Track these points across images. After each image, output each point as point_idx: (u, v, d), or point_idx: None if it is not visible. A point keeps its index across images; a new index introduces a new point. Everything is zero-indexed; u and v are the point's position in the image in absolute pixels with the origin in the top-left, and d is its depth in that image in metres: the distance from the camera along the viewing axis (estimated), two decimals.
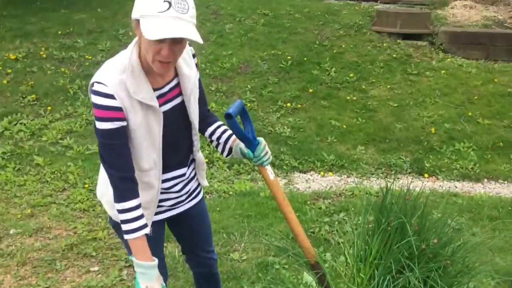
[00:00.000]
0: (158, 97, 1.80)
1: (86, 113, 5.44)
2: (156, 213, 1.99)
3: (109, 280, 2.98)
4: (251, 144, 1.92)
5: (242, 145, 1.96)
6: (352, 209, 3.99)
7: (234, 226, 3.64)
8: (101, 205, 3.96)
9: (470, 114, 5.47)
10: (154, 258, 1.80)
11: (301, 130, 5.29)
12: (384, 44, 6.77)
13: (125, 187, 1.75)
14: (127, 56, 1.73)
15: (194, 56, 1.96)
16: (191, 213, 2.11)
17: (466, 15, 7.47)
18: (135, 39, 1.76)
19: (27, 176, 4.42)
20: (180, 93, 1.88)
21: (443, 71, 6.24)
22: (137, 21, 1.63)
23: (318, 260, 2.07)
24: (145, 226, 1.78)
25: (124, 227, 1.76)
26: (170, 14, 1.57)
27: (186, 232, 2.19)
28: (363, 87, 5.99)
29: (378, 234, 1.99)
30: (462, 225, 3.33)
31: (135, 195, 1.77)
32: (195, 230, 2.19)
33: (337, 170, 4.84)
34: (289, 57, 6.41)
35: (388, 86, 5.99)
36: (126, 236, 1.77)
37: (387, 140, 5.20)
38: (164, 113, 1.82)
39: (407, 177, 4.67)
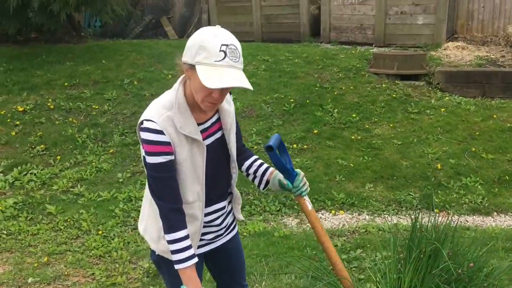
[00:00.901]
0: (202, 132, 1.89)
1: (95, 160, 5.50)
2: (197, 247, 2.03)
3: None
4: (290, 175, 1.99)
5: (280, 176, 2.03)
6: (368, 245, 4.00)
7: (253, 266, 3.64)
8: (117, 250, 3.95)
9: (473, 149, 5.59)
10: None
11: (309, 170, 5.35)
12: (383, 85, 6.97)
13: (175, 218, 1.82)
14: (173, 94, 1.84)
15: (230, 93, 2.06)
16: (228, 247, 2.15)
17: (459, 56, 7.75)
18: (181, 78, 1.86)
19: (40, 225, 4.42)
20: (220, 128, 1.98)
21: (442, 109, 6.41)
22: (191, 65, 1.73)
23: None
24: (194, 256, 1.84)
25: (175, 257, 1.82)
26: (226, 63, 1.69)
27: (224, 266, 2.21)
28: (367, 126, 6.12)
29: (410, 263, 2.03)
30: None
31: (184, 225, 1.84)
32: (232, 264, 2.21)
33: (348, 208, 4.88)
34: (291, 100, 6.58)
35: (391, 125, 6.13)
36: (177, 266, 1.82)
37: (395, 177, 5.27)
38: (207, 146, 1.91)
39: (418, 212, 4.70)
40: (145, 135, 1.78)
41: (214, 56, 1.69)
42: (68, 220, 4.48)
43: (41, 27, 8.66)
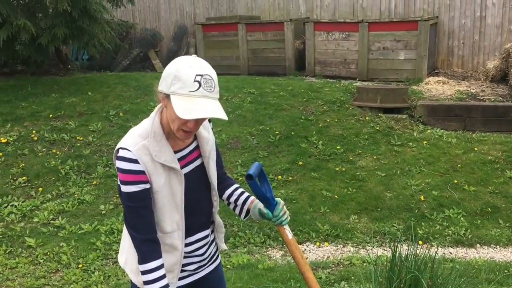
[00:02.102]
0: (179, 160, 1.89)
1: (78, 192, 5.44)
2: (179, 278, 2.00)
3: None
4: (270, 204, 1.99)
5: (261, 205, 2.03)
6: (352, 277, 3.98)
7: None
8: (96, 284, 3.86)
9: (455, 181, 5.65)
10: None
11: (294, 201, 5.35)
12: (367, 118, 7.08)
13: (148, 248, 1.81)
14: (150, 123, 1.85)
15: (210, 121, 2.08)
16: (211, 277, 2.12)
17: (440, 90, 7.93)
18: (158, 107, 1.88)
19: (19, 258, 4.32)
20: (199, 155, 1.98)
21: (425, 142, 6.50)
22: (166, 95, 1.76)
23: None
24: (167, 286, 1.83)
25: (147, 287, 1.79)
26: (200, 93, 1.71)
27: None
28: (351, 158, 6.18)
29: None
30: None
31: (158, 256, 1.82)
32: None
33: (333, 240, 4.86)
34: (277, 132, 6.63)
35: (375, 157, 6.19)
36: None
37: (379, 209, 5.29)
38: (185, 175, 1.91)
39: (401, 244, 4.70)
40: (119, 164, 1.79)
41: (188, 86, 1.70)
42: (48, 253, 4.39)
43: (27, 59, 8.70)
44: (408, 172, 5.89)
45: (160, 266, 1.82)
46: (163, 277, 1.82)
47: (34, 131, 6.54)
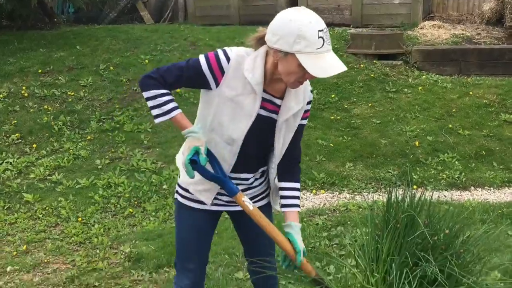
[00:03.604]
0: (263, 100, 1.91)
1: (73, 148, 5.41)
2: (214, 204, 2.06)
3: None
4: (223, 182, 1.94)
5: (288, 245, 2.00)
6: (349, 222, 4.04)
7: (236, 247, 3.64)
8: (97, 236, 3.92)
9: (450, 126, 5.66)
10: (189, 125, 1.90)
11: None
12: (361, 65, 6.99)
13: (153, 83, 1.87)
14: (254, 53, 1.87)
15: (309, 103, 2.04)
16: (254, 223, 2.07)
17: (435, 34, 7.80)
18: (262, 52, 1.86)
19: (18, 213, 4.34)
20: (276, 113, 1.95)
21: (420, 87, 6.46)
22: (287, 53, 1.74)
23: (317, 274, 2.10)
24: (178, 107, 1.91)
25: (163, 108, 1.87)
26: (325, 49, 1.74)
27: (245, 232, 2.22)
28: (346, 106, 6.15)
29: (387, 233, 2.04)
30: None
31: (159, 88, 1.88)
32: (253, 233, 2.15)
33: (329, 187, 4.91)
34: None
35: (370, 104, 6.16)
36: (158, 120, 1.90)
37: (374, 156, 5.31)
38: (258, 115, 1.91)
39: (397, 189, 4.76)
40: (219, 50, 1.87)
41: (314, 44, 1.71)
42: (47, 208, 4.41)
43: (12, 14, 8.42)
44: (403, 119, 5.89)
45: (169, 94, 1.89)
46: (172, 100, 1.89)
47: (24, 87, 6.43)
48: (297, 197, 2.11)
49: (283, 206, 2.10)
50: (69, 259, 3.58)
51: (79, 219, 4.21)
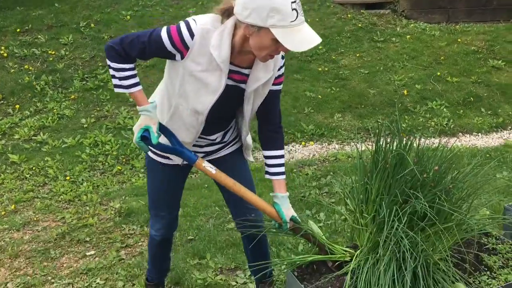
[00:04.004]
0: (231, 72, 1.84)
1: (57, 107, 5.30)
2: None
3: (107, 261, 2.93)
4: (180, 153, 1.92)
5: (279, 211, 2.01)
6: (338, 171, 4.05)
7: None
8: (86, 194, 3.89)
9: (438, 74, 5.62)
10: (146, 103, 1.87)
11: None
12: (349, 15, 6.85)
13: (116, 55, 1.81)
14: (222, 27, 1.77)
15: (282, 67, 1.96)
16: (225, 162, 2.11)
17: None
18: (230, 24, 1.76)
19: (4, 174, 4.28)
20: (244, 82, 1.90)
21: (408, 36, 6.37)
22: (260, 28, 1.65)
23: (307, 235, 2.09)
24: (138, 84, 1.87)
25: (123, 83, 1.83)
26: (299, 21, 1.65)
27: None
28: (333, 57, 6.06)
29: (376, 173, 2.03)
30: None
31: (123, 62, 1.82)
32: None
33: (318, 139, 4.90)
34: None
35: (357, 55, 6.08)
36: (127, 91, 1.85)
37: (363, 106, 5.29)
38: (225, 85, 1.85)
39: (385, 137, 4.77)
40: (182, 24, 1.77)
41: (288, 17, 1.63)
42: (33, 168, 4.35)
43: None
44: (391, 68, 5.83)
45: (133, 69, 1.85)
46: (135, 75, 1.86)
47: (3, 47, 6.22)
48: (281, 165, 2.09)
49: (268, 174, 2.09)
50: (59, 216, 3.56)
51: (67, 177, 4.17)
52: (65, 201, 3.82)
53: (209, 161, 2.11)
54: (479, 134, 4.78)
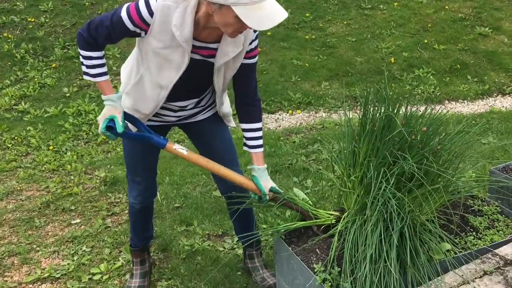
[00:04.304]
0: (196, 47, 1.80)
1: (38, 76, 5.18)
2: (160, 123, 2.07)
3: (93, 229, 2.91)
4: (149, 138, 1.90)
5: (257, 183, 2.00)
6: (325, 139, 4.04)
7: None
8: (70, 163, 3.84)
9: (426, 41, 5.58)
10: (111, 92, 1.86)
11: (265, 72, 5.25)
12: None
13: (85, 43, 1.80)
14: (184, 3, 1.72)
15: (255, 40, 1.90)
16: (203, 128, 2.11)
17: None
18: (187, 7, 1.71)
19: None
20: (213, 56, 1.86)
21: (395, 3, 6.30)
22: (221, 5, 1.60)
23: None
24: (105, 73, 1.86)
25: (85, 69, 1.84)
26: None
27: (200, 142, 2.19)
28: (321, 25, 5.98)
29: (364, 136, 2.02)
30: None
31: (92, 50, 1.81)
32: (207, 139, 2.16)
33: (305, 107, 4.86)
34: None
35: (345, 22, 6.00)
36: (94, 80, 1.85)
37: (350, 74, 5.25)
38: (192, 59, 1.82)
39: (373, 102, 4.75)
40: (141, 2, 1.72)
41: None
42: (15, 137, 4.26)
43: None
44: (379, 36, 5.78)
45: (102, 57, 1.84)
46: (104, 65, 1.86)
47: None
48: (259, 138, 2.07)
49: (246, 146, 2.08)
50: (43, 186, 3.50)
51: (51, 147, 4.10)
52: (48, 170, 3.76)
53: (185, 125, 2.13)
54: (465, 101, 4.79)
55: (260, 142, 2.08)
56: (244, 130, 2.07)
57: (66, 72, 5.26)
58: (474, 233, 1.97)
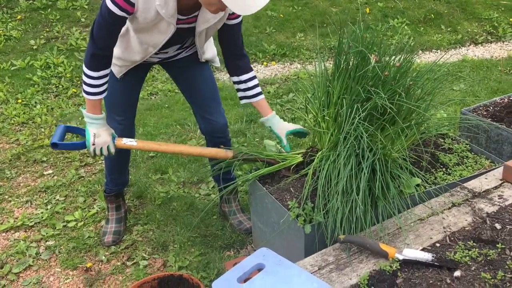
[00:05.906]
0: (178, 19, 1.84)
1: (3, 28, 4.96)
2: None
3: (67, 179, 2.87)
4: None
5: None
6: (300, 89, 4.02)
7: (187, 118, 3.58)
8: (40, 116, 3.74)
9: None
10: (102, 112, 1.93)
11: None
12: None
13: (98, 61, 1.83)
14: None
15: None
16: (183, 66, 2.11)
17: None
18: None
19: None
20: (195, 22, 1.91)
21: None
22: None
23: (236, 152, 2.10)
24: (104, 92, 1.91)
25: (89, 89, 1.86)
26: None
27: (181, 80, 2.19)
28: None
29: (338, 74, 2.01)
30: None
31: (106, 67, 1.86)
32: (188, 77, 2.16)
33: (280, 59, 4.81)
34: None
35: None
36: (87, 96, 1.88)
37: (325, 25, 5.19)
38: (177, 28, 1.87)
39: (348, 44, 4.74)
40: None
41: None
42: None
43: None
44: None
45: (103, 77, 1.86)
46: (105, 84, 1.88)
47: None
48: (256, 85, 2.10)
49: (246, 99, 2.10)
50: (12, 139, 3.42)
51: (19, 100, 3.98)
52: (18, 123, 3.67)
53: (167, 63, 2.13)
54: (438, 51, 4.81)
55: (258, 89, 2.11)
56: (238, 82, 2.08)
57: (32, 24, 5.05)
58: (444, 169, 2.01)
